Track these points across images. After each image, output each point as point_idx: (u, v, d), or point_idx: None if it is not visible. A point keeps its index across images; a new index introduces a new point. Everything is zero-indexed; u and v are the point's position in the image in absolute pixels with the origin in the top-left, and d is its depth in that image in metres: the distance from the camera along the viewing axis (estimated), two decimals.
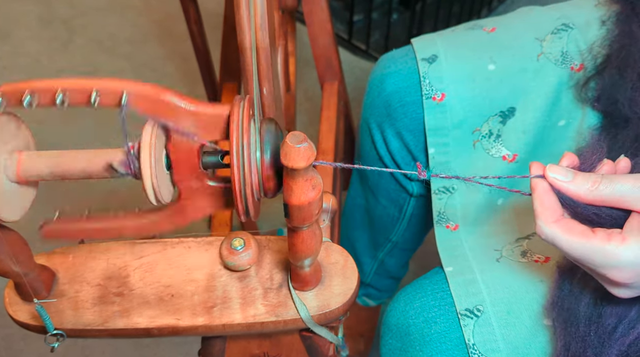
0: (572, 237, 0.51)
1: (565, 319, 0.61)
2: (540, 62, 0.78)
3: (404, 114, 0.84)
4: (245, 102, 0.53)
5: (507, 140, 0.79)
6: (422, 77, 0.81)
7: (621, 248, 0.49)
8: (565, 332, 0.60)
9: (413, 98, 0.83)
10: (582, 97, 0.75)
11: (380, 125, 0.89)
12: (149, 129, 0.52)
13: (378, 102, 0.87)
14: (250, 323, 0.63)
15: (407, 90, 0.84)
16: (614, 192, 0.51)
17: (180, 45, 1.71)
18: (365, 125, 0.92)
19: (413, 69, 0.83)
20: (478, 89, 0.79)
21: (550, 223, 0.52)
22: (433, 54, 0.82)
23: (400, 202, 0.97)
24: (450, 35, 0.85)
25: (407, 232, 1.03)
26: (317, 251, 0.58)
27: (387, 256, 1.09)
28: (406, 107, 0.84)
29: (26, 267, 0.59)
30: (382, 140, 0.89)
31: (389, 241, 1.06)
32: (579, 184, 0.51)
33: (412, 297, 0.72)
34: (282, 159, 0.48)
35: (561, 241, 0.51)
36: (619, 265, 0.50)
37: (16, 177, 0.52)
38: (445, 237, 0.77)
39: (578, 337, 0.59)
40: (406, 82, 0.84)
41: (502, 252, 0.71)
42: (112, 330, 0.63)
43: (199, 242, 0.68)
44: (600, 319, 0.58)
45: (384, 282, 1.17)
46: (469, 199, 0.79)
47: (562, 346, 0.60)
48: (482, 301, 0.66)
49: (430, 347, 0.68)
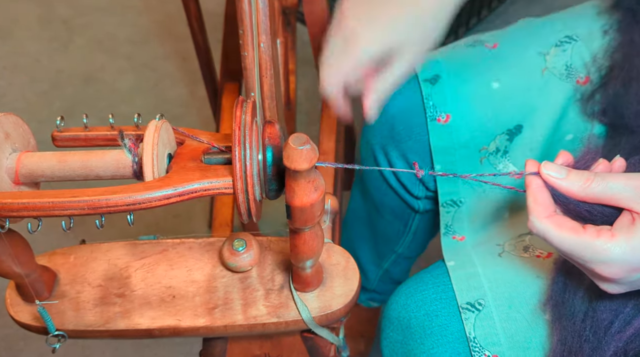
0: (562, 232, 0.52)
1: (562, 313, 0.61)
2: (545, 77, 0.77)
3: (409, 137, 0.83)
4: (248, 103, 0.53)
5: (514, 156, 0.79)
6: (425, 99, 0.80)
7: (610, 244, 0.51)
8: (561, 327, 0.61)
9: (417, 120, 0.82)
10: (588, 111, 0.75)
11: (384, 148, 0.87)
12: (151, 129, 0.52)
13: (381, 125, 0.86)
14: (251, 324, 0.63)
15: (410, 112, 0.82)
16: (606, 190, 0.52)
17: (180, 45, 1.71)
18: (368, 146, 0.90)
19: (415, 89, 0.82)
20: (483, 108, 0.78)
21: (542, 218, 0.53)
22: (435, 74, 0.81)
23: (405, 217, 0.96)
24: (452, 53, 0.84)
25: (413, 244, 1.02)
26: (319, 252, 0.58)
27: (392, 265, 1.09)
28: (411, 129, 0.83)
29: (28, 268, 0.59)
30: (387, 163, 0.88)
31: (393, 253, 1.05)
32: (572, 181, 0.52)
33: (413, 290, 0.72)
34: (285, 160, 0.48)
35: (552, 236, 0.53)
36: (608, 261, 0.51)
37: (16, 177, 0.52)
38: (451, 247, 0.77)
39: (574, 332, 0.60)
40: (409, 103, 0.82)
41: (504, 247, 0.71)
42: (113, 331, 0.63)
43: (200, 243, 0.68)
44: (595, 314, 0.59)
45: (388, 286, 1.16)
46: (477, 211, 0.79)
47: (558, 340, 0.61)
48: (484, 295, 0.66)
49: (431, 340, 0.68)
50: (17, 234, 0.57)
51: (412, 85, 0.82)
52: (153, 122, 0.52)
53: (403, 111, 0.83)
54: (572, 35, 0.78)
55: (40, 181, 0.55)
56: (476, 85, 0.79)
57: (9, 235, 0.55)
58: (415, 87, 0.82)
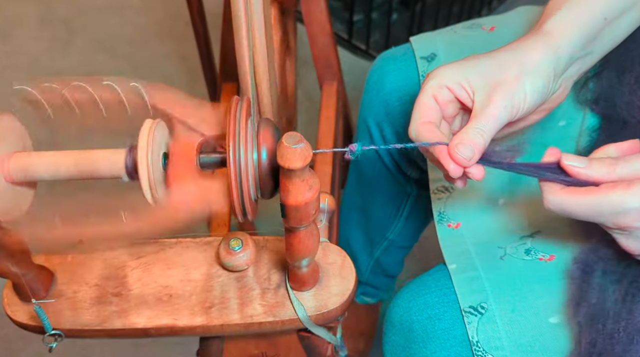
0: (577, 196, 0.54)
1: (592, 315, 0.61)
2: None
3: (403, 113, 0.84)
4: (243, 102, 0.54)
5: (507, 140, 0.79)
6: (421, 76, 0.81)
7: (627, 195, 0.52)
8: (591, 329, 0.60)
9: (412, 97, 0.83)
10: (580, 98, 0.75)
11: (379, 124, 0.88)
12: (146, 127, 0.52)
13: (377, 101, 0.87)
14: (248, 323, 0.63)
15: (406, 89, 0.84)
16: (632, 172, 0.53)
17: (180, 45, 1.71)
18: (364, 123, 0.92)
19: (412, 67, 0.83)
20: None
21: (556, 192, 0.55)
22: (432, 52, 0.82)
23: (398, 201, 0.97)
24: (449, 34, 0.85)
25: (404, 230, 1.03)
26: (314, 251, 0.58)
27: (383, 254, 1.09)
28: (405, 105, 0.84)
29: (24, 267, 0.59)
30: (381, 139, 0.89)
31: (385, 239, 1.06)
32: (596, 169, 0.54)
33: (415, 293, 0.72)
34: (279, 159, 0.48)
35: (569, 204, 0.54)
36: (626, 210, 0.52)
37: (12, 177, 0.52)
38: (447, 235, 0.77)
39: (605, 335, 0.59)
40: (405, 80, 0.84)
41: (506, 250, 0.71)
42: (110, 330, 0.63)
43: (197, 243, 0.68)
44: (630, 316, 0.59)
45: (380, 280, 1.17)
46: (470, 197, 0.79)
47: (588, 342, 0.60)
48: (486, 299, 0.66)
49: (433, 344, 0.68)
50: (13, 232, 0.57)
51: (409, 63, 0.84)
52: (147, 122, 0.52)
53: (399, 87, 0.84)
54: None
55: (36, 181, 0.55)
56: None
57: (5, 234, 0.55)
58: (413, 64, 0.83)
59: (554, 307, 0.64)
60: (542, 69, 0.60)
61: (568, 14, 0.62)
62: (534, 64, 0.60)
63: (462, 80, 0.62)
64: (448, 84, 0.62)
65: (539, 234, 0.71)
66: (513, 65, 0.61)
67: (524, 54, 0.61)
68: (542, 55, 0.61)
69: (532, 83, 0.60)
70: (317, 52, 1.08)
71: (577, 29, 0.62)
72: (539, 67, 0.60)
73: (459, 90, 0.62)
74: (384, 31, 1.68)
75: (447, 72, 0.62)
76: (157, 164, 0.52)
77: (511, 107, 0.59)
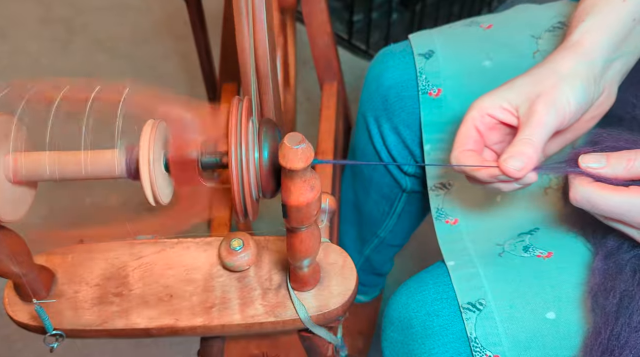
0: (607, 192, 0.54)
1: (618, 306, 0.61)
2: (536, 59, 0.78)
3: (401, 109, 0.85)
4: (244, 103, 0.54)
5: None
6: (418, 73, 0.82)
7: None
8: (616, 321, 0.60)
9: (410, 93, 0.84)
10: None
11: (377, 120, 0.89)
12: (147, 129, 0.52)
13: (375, 97, 0.88)
14: (249, 323, 0.63)
15: (404, 85, 0.84)
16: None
17: (180, 45, 1.71)
18: (362, 119, 0.93)
19: (410, 64, 0.84)
20: (474, 84, 0.80)
21: (585, 184, 0.55)
22: (430, 49, 0.83)
23: (392, 197, 0.97)
24: (447, 31, 0.86)
25: (396, 228, 1.03)
26: (315, 252, 0.58)
27: (373, 252, 1.10)
28: (403, 101, 0.85)
29: (25, 267, 0.59)
30: (379, 135, 0.90)
31: (376, 237, 1.06)
32: (614, 166, 0.55)
33: (414, 290, 0.72)
34: (280, 160, 0.48)
35: (597, 197, 0.55)
36: None
37: (13, 178, 0.52)
38: (445, 232, 0.77)
39: (631, 327, 0.59)
40: (403, 76, 0.85)
41: (504, 247, 0.71)
42: (111, 330, 0.63)
43: (197, 243, 0.68)
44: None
45: (369, 277, 1.18)
46: (468, 194, 0.79)
47: (612, 334, 0.60)
48: (485, 295, 0.66)
49: (432, 340, 0.68)
50: (14, 233, 0.57)
51: (407, 59, 0.85)
52: (149, 122, 0.52)
53: (397, 84, 0.85)
54: (565, 21, 0.79)
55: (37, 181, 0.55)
56: (468, 62, 0.81)
57: (6, 234, 0.55)
58: (411, 61, 0.84)
59: (551, 303, 0.64)
60: (577, 72, 0.61)
61: (594, 21, 0.63)
62: (569, 69, 0.62)
63: (502, 102, 0.63)
64: (489, 111, 0.63)
65: (537, 231, 0.71)
66: (549, 77, 0.62)
67: (557, 65, 0.62)
68: (575, 62, 0.62)
69: (572, 86, 0.61)
70: (317, 53, 1.08)
71: (605, 35, 0.63)
72: (574, 72, 0.61)
73: (501, 114, 0.63)
74: (384, 31, 1.68)
75: (485, 100, 0.64)
76: (158, 164, 0.52)
77: (555, 112, 0.60)
